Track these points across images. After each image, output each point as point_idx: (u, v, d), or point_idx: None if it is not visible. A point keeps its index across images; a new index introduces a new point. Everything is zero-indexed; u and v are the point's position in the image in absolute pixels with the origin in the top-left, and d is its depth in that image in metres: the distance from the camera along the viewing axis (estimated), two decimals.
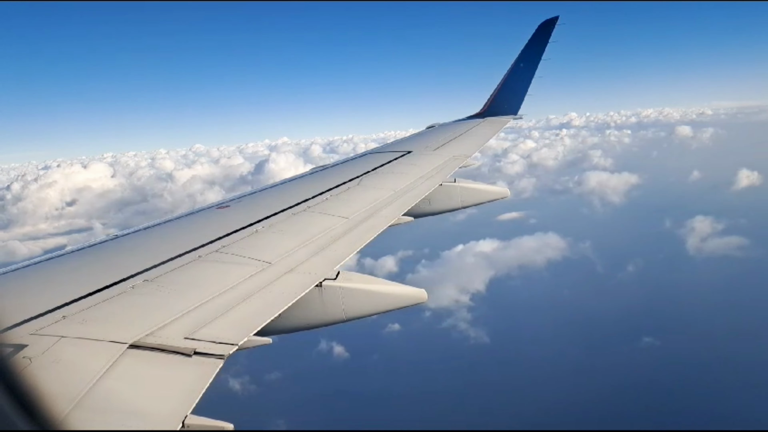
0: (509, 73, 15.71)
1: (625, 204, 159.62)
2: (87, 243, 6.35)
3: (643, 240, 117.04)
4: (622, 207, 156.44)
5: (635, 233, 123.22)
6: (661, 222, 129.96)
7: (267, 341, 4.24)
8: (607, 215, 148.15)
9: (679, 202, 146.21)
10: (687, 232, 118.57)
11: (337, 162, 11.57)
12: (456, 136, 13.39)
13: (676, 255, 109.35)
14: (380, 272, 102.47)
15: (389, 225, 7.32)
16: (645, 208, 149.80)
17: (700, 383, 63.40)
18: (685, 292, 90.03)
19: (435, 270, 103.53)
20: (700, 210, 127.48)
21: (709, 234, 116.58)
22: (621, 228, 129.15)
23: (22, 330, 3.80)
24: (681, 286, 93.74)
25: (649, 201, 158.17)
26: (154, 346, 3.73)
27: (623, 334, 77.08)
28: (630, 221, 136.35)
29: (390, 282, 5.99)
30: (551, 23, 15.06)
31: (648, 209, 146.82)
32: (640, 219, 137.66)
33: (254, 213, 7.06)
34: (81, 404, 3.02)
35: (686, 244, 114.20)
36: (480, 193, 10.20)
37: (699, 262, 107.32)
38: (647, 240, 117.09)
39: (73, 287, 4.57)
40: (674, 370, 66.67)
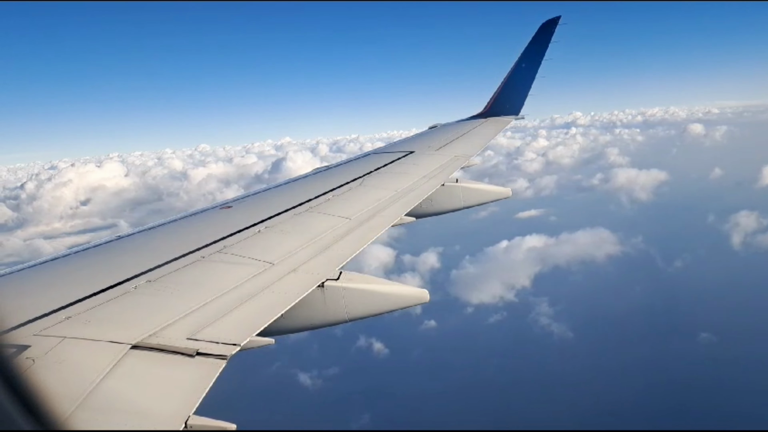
0: (511, 73, 15.70)
1: (653, 201, 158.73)
2: (90, 244, 6.36)
3: (683, 236, 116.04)
4: (652, 204, 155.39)
5: (673, 229, 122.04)
6: (697, 218, 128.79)
7: (270, 342, 4.25)
8: (637, 212, 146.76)
9: (707, 199, 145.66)
10: (730, 228, 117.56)
11: (340, 162, 11.57)
12: (458, 136, 13.38)
13: (721, 251, 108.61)
14: (423, 268, 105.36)
15: (391, 225, 7.32)
16: (675, 204, 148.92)
17: (761, 383, 62.50)
18: (736, 289, 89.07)
19: (481, 266, 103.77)
20: (731, 206, 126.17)
21: (756, 230, 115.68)
22: (657, 224, 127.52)
23: (26, 330, 3.80)
24: (730, 282, 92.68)
25: (677, 197, 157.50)
26: (157, 347, 3.73)
27: (680, 329, 76.49)
28: (664, 217, 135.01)
29: (392, 282, 5.99)
30: (553, 23, 15.05)
31: (678, 205, 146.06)
32: (673, 215, 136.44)
33: (257, 213, 7.06)
34: (84, 404, 3.02)
35: (731, 239, 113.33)
36: (482, 193, 10.20)
37: (745, 257, 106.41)
38: (687, 236, 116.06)
39: (76, 288, 4.57)
40: (734, 368, 65.72)
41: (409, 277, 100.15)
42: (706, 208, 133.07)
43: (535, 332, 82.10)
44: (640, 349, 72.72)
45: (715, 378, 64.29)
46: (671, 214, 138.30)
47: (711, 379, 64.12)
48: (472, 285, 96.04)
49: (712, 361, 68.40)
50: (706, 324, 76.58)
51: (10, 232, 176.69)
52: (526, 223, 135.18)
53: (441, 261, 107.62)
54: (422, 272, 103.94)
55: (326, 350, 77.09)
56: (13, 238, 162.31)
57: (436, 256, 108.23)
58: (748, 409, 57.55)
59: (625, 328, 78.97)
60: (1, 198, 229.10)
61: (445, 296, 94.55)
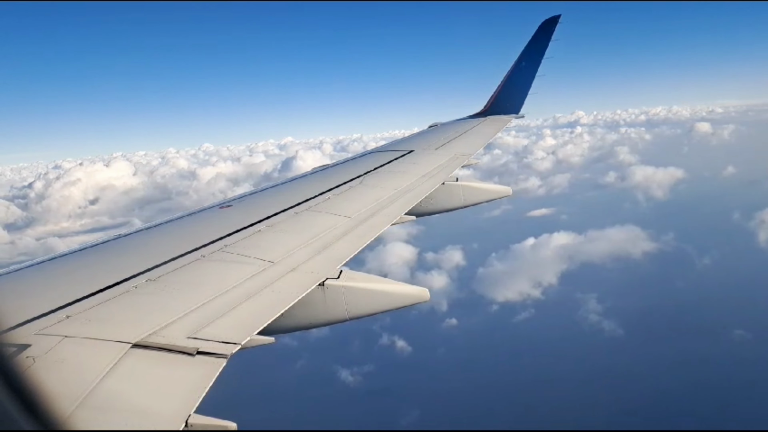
0: (511, 72, 15.68)
1: (671, 199, 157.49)
2: (90, 243, 6.36)
3: (709, 233, 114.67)
4: (670, 202, 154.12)
5: (698, 226, 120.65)
6: (720, 215, 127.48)
7: (270, 340, 4.25)
8: (655, 209, 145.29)
9: (725, 197, 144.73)
10: (756, 225, 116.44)
11: (339, 161, 11.57)
12: (458, 135, 13.38)
13: (749, 248, 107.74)
14: (448, 265, 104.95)
15: (391, 224, 7.32)
16: (693, 202, 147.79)
17: None
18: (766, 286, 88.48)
19: (506, 264, 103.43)
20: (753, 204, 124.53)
21: None
22: (682, 221, 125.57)
23: (26, 330, 3.80)
24: (762, 279, 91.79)
25: (695, 195, 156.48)
26: (158, 346, 3.73)
27: (715, 326, 75.92)
28: (687, 215, 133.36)
29: (392, 281, 5.99)
30: (553, 22, 15.03)
31: (697, 203, 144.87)
32: (694, 213, 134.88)
33: (257, 212, 7.06)
34: (84, 403, 3.02)
35: (757, 237, 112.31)
36: (482, 192, 10.20)
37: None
38: (714, 233, 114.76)
39: (77, 287, 4.57)
40: None
41: (436, 275, 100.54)
42: (726, 206, 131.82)
43: (571, 328, 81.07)
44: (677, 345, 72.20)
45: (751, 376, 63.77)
46: (692, 211, 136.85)
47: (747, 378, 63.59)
48: (497, 283, 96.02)
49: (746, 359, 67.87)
50: (739, 321, 76.02)
51: (20, 231, 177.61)
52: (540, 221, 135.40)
53: (465, 259, 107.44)
54: (448, 269, 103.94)
55: (349, 348, 77.19)
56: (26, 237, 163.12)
57: (462, 254, 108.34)
58: None
59: (662, 324, 78.46)
60: (9, 197, 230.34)
61: (470, 294, 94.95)
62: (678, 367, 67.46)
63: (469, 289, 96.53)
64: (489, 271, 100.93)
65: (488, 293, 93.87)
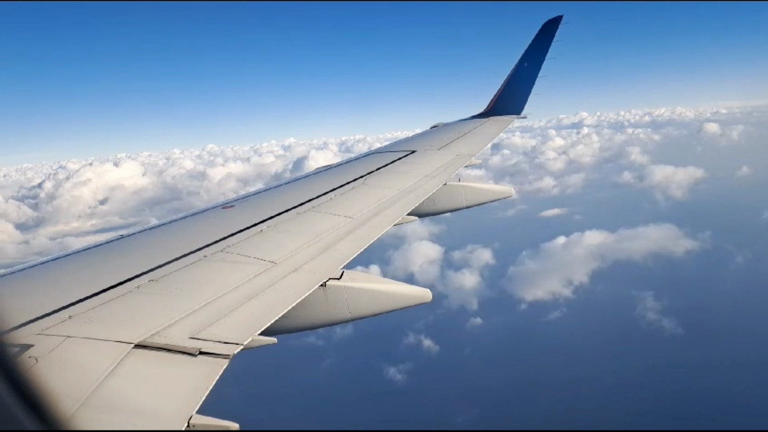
0: (513, 73, 15.68)
1: (691, 198, 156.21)
2: (93, 243, 6.37)
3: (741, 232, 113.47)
4: (690, 201, 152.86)
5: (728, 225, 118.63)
6: (748, 214, 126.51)
7: (272, 341, 4.25)
8: (676, 209, 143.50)
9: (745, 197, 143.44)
10: None
11: (342, 162, 11.57)
12: (460, 136, 13.38)
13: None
14: (477, 264, 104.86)
15: (393, 224, 7.31)
16: (714, 201, 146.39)
17: None
18: None
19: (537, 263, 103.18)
20: None
21: None
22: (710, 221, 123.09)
23: (29, 330, 3.81)
24: None
25: (714, 194, 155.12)
26: (160, 346, 3.74)
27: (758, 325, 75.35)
28: (712, 214, 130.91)
29: (394, 281, 5.98)
30: (555, 22, 15.02)
31: (717, 202, 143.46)
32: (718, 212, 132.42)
33: (259, 213, 7.06)
34: (87, 403, 3.03)
35: None
36: (484, 192, 10.20)
37: None
38: (746, 232, 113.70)
39: (79, 287, 4.58)
40: None
41: (467, 273, 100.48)
42: (751, 205, 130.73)
43: (626, 327, 79.88)
44: (734, 344, 71.41)
45: None
46: (718, 210, 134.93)
47: None
48: (527, 281, 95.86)
49: None
50: None
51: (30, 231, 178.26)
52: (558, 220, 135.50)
53: (495, 257, 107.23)
54: (478, 268, 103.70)
55: (375, 346, 77.00)
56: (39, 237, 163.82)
57: (491, 253, 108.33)
58: None
59: (718, 323, 77.57)
60: (19, 197, 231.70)
61: (499, 292, 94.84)
62: (738, 368, 66.37)
63: (499, 287, 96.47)
64: (519, 270, 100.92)
65: (518, 292, 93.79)
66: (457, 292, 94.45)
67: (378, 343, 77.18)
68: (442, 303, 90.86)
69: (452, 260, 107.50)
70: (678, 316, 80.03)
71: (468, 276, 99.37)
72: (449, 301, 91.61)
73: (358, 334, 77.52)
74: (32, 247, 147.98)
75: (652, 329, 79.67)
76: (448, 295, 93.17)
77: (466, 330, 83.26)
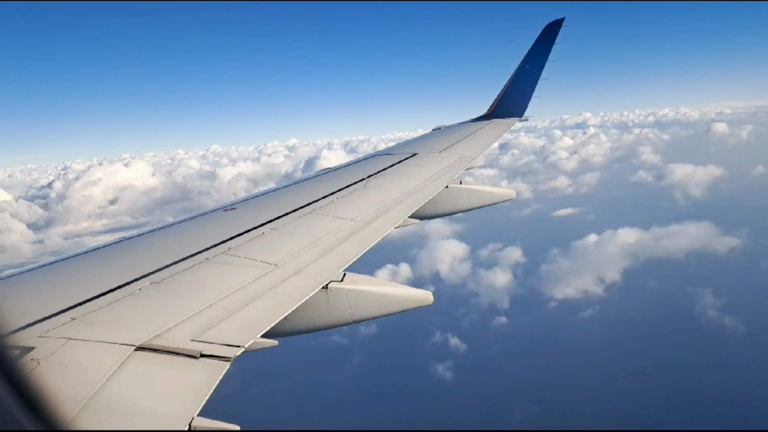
0: (515, 75, 15.68)
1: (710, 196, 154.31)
2: (95, 245, 6.37)
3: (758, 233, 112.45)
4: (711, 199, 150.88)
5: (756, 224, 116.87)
6: None
7: (274, 343, 4.24)
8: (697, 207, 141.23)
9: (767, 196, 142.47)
10: None
11: (344, 164, 11.58)
12: (462, 138, 13.38)
13: None
14: (507, 262, 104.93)
15: (395, 227, 7.31)
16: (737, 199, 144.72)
17: None
18: None
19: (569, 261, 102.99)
20: None
21: None
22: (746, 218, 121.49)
23: (30, 332, 3.81)
24: None
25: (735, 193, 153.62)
26: (161, 348, 3.74)
27: None
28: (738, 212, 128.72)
29: (396, 284, 5.98)
30: (557, 25, 15.02)
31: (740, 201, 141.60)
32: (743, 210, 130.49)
33: (261, 215, 7.07)
34: (88, 406, 3.03)
35: None
36: (486, 194, 10.19)
37: None
38: None
39: (81, 289, 4.59)
40: None
41: (500, 272, 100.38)
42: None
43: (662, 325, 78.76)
44: None
45: None
46: (742, 208, 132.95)
47: None
48: (557, 280, 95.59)
49: None
50: None
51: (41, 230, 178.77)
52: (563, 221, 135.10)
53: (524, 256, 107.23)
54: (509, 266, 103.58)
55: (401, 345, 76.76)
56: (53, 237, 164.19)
57: (521, 251, 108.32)
58: None
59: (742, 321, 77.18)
60: (29, 197, 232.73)
61: (530, 291, 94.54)
62: None
63: (529, 286, 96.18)
64: (551, 268, 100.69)
65: (548, 290, 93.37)
66: (487, 290, 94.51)
67: (404, 341, 77.11)
68: (471, 301, 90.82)
69: (480, 258, 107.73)
70: (738, 314, 78.68)
71: (500, 274, 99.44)
72: (479, 299, 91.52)
73: (382, 332, 77.71)
74: (47, 246, 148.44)
75: (713, 327, 78.46)
76: (478, 294, 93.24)
77: (493, 328, 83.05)
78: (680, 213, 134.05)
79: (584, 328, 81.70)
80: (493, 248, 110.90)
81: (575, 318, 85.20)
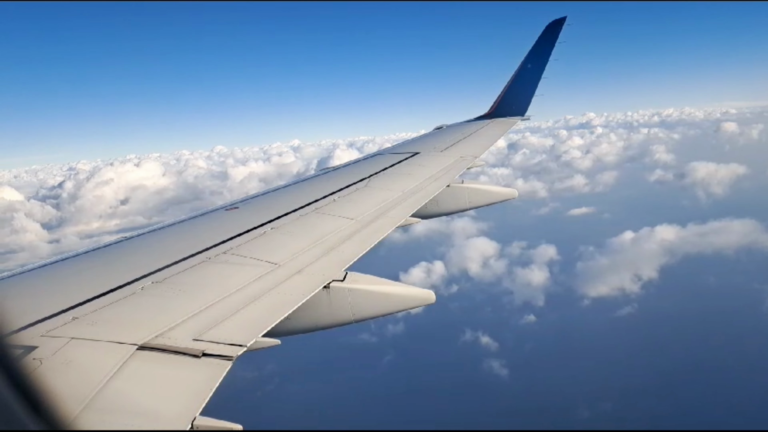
0: (517, 74, 15.66)
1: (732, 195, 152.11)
2: (96, 245, 6.38)
3: None
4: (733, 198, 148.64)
5: None
6: None
7: (275, 342, 4.25)
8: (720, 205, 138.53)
9: None
10: None
11: (345, 163, 11.58)
12: (463, 137, 13.37)
13: None
14: (541, 260, 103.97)
15: (397, 226, 7.31)
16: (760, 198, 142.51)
17: None
18: None
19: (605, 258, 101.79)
20: None
21: None
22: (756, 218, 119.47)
23: (33, 331, 3.82)
24: None
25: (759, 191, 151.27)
26: (163, 348, 3.74)
27: None
28: None
29: (397, 283, 5.98)
30: (559, 24, 15.00)
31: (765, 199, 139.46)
32: None
33: (262, 214, 7.07)
34: (91, 405, 3.03)
35: None
36: (488, 194, 10.19)
37: None
38: None
39: (83, 289, 4.59)
40: None
41: (536, 269, 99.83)
42: None
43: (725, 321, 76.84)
44: None
45: None
46: None
47: None
48: (592, 278, 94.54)
49: None
50: None
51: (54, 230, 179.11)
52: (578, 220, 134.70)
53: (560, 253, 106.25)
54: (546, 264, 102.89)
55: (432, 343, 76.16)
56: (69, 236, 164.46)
57: (555, 249, 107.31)
58: None
59: None
60: (40, 198, 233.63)
61: (564, 289, 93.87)
62: None
63: (563, 284, 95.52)
64: (587, 266, 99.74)
65: (582, 288, 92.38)
66: (522, 288, 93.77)
67: (434, 339, 76.65)
68: (503, 299, 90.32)
69: (513, 256, 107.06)
70: None
71: (537, 272, 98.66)
72: (513, 297, 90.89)
73: (411, 330, 77.57)
74: (63, 245, 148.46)
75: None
76: (513, 291, 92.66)
77: (524, 326, 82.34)
78: (704, 211, 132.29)
79: (621, 326, 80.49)
80: (517, 246, 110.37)
81: (611, 315, 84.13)
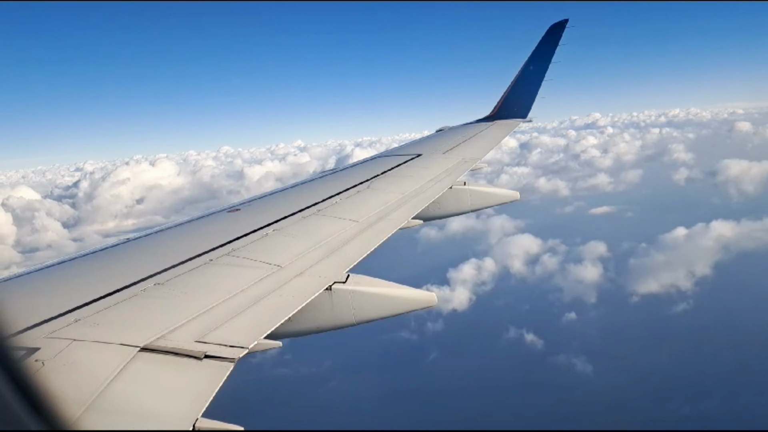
0: (519, 76, 15.66)
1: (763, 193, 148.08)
2: (99, 246, 6.40)
3: None
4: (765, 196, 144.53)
5: None
6: None
7: (277, 345, 4.25)
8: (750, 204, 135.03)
9: None
10: None
11: (347, 165, 11.59)
12: (466, 139, 13.37)
13: None
14: (589, 258, 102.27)
15: (399, 228, 7.31)
16: None
17: None
18: None
19: (658, 255, 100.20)
20: None
21: None
22: None
23: (36, 333, 3.83)
24: None
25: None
26: (165, 349, 3.75)
27: None
28: None
29: (399, 285, 5.97)
30: (561, 26, 15.00)
31: None
32: None
33: (265, 216, 7.08)
34: (93, 407, 3.04)
35: None
36: (490, 196, 10.17)
37: None
38: None
39: (86, 290, 4.60)
40: None
41: (590, 266, 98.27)
42: None
43: None
44: None
45: None
46: None
47: None
48: (644, 274, 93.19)
49: None
50: None
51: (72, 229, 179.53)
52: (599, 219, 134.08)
53: (610, 250, 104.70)
54: (593, 261, 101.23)
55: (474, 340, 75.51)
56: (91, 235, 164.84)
57: (605, 246, 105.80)
58: None
59: None
60: (55, 197, 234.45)
61: (615, 286, 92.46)
62: None
63: (611, 281, 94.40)
64: (639, 263, 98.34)
65: (632, 285, 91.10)
66: (573, 285, 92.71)
67: (476, 336, 76.00)
68: (549, 296, 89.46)
69: (559, 252, 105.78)
70: None
71: (590, 269, 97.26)
72: (563, 294, 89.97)
73: (451, 328, 76.88)
74: (87, 244, 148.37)
75: None
76: (562, 288, 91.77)
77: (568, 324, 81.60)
78: (736, 208, 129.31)
79: (678, 323, 79.12)
80: (553, 244, 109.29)
81: (667, 313, 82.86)
